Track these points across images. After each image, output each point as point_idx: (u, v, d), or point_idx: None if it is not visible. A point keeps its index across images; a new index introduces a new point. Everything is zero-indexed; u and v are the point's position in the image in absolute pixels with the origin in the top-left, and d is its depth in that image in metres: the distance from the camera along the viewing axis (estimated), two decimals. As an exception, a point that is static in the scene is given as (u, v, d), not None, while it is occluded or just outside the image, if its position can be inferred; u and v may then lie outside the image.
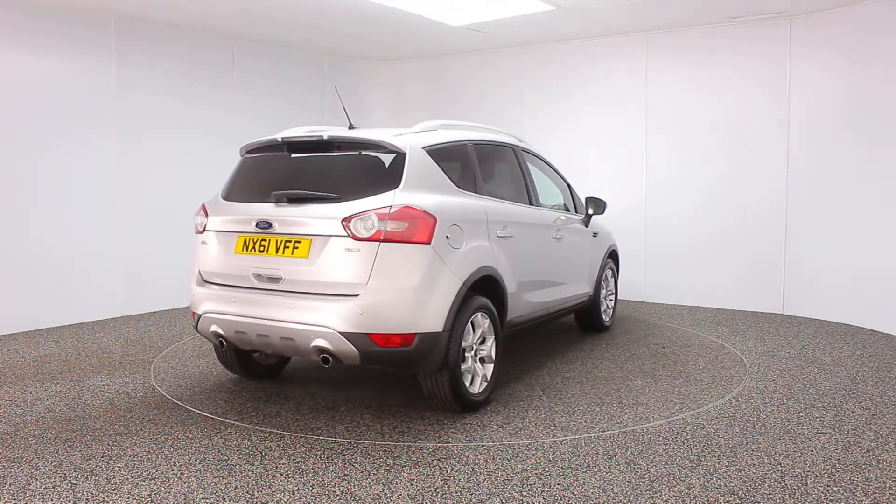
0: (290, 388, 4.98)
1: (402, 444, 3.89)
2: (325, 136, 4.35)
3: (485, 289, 4.51)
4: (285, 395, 4.81)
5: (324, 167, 4.41)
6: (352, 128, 4.80)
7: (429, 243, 4.04)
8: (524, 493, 3.27)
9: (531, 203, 5.45)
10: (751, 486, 3.34)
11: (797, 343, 6.32)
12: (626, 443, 3.90)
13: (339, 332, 3.91)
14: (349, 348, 3.93)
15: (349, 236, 3.96)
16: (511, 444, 3.87)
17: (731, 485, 3.35)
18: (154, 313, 7.77)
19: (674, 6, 7.09)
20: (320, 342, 3.97)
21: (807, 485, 3.35)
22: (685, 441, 3.92)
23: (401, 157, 4.22)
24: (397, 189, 4.07)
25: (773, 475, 3.46)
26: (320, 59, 9.63)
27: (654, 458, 3.68)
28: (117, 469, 3.56)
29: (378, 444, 3.88)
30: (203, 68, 8.23)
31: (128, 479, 3.44)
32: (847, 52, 7.01)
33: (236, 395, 4.85)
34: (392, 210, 3.96)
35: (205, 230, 4.57)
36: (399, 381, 5.02)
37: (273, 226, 4.19)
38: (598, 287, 6.56)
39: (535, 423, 4.19)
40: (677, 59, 8.08)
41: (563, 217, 5.93)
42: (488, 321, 4.50)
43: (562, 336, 6.66)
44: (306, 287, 4.09)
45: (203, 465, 3.60)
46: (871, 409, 4.46)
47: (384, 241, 3.93)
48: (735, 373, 5.30)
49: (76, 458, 3.69)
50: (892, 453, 3.74)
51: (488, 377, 4.53)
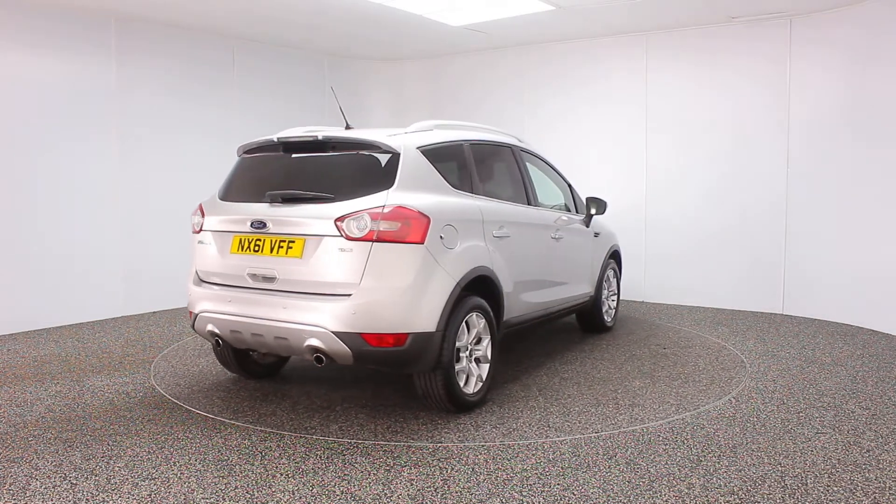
0: (287, 388, 4.98)
1: (402, 444, 3.89)
2: (319, 137, 4.36)
3: (480, 289, 4.51)
4: (282, 395, 4.82)
5: (319, 167, 4.42)
6: (349, 128, 4.81)
7: (422, 243, 4.04)
8: (524, 493, 3.27)
9: (530, 203, 5.44)
10: (751, 486, 3.34)
11: (797, 343, 6.32)
12: (626, 443, 3.90)
13: (332, 332, 3.93)
14: (342, 348, 3.94)
15: (342, 236, 3.97)
16: (511, 445, 3.87)
17: (731, 485, 3.35)
18: (154, 313, 7.77)
19: (674, 6, 7.09)
20: (313, 342, 3.98)
21: (807, 485, 3.35)
22: (685, 441, 3.92)
23: (395, 158, 4.23)
24: (391, 189, 4.08)
25: (773, 475, 3.46)
26: (320, 59, 9.63)
27: (654, 458, 3.68)
28: (117, 469, 3.56)
29: (378, 444, 3.88)
30: (203, 68, 8.23)
31: (128, 479, 3.44)
32: (847, 52, 7.02)
33: (234, 394, 4.85)
34: (385, 210, 3.97)
35: (201, 230, 4.59)
36: (396, 381, 5.02)
37: (267, 226, 4.21)
38: (599, 287, 6.54)
39: (530, 424, 4.19)
40: (677, 59, 8.08)
41: (563, 217, 5.93)
42: (484, 321, 4.49)
43: (563, 336, 6.65)
44: (300, 287, 4.11)
45: (203, 465, 3.60)
46: (871, 409, 4.46)
47: (377, 240, 3.94)
48: (735, 374, 5.30)
49: (76, 458, 3.69)
50: (892, 453, 3.74)
51: (484, 377, 4.52)
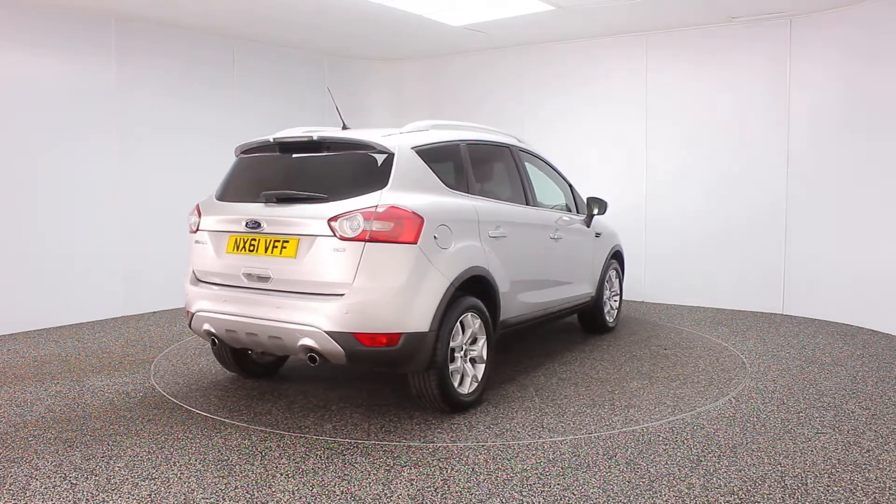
0: (285, 387, 4.99)
1: (401, 444, 3.89)
2: (315, 137, 4.38)
3: (476, 289, 4.51)
4: (279, 394, 4.83)
5: (314, 168, 4.43)
6: (346, 128, 4.81)
7: (415, 243, 4.04)
8: (524, 493, 3.27)
9: (528, 203, 5.44)
10: (751, 486, 3.34)
11: (797, 343, 6.32)
12: (626, 443, 3.90)
13: (325, 332, 3.93)
14: (335, 347, 3.95)
15: (335, 236, 3.98)
16: (511, 445, 3.87)
17: (731, 485, 3.35)
18: (154, 313, 7.77)
19: (674, 6, 7.09)
20: (307, 341, 3.99)
21: (807, 485, 3.35)
22: (685, 441, 3.92)
23: (389, 158, 4.23)
24: (384, 189, 4.09)
25: (773, 475, 3.46)
26: (320, 59, 9.63)
27: (654, 458, 3.68)
28: (117, 469, 3.56)
29: (378, 444, 3.88)
30: (203, 68, 8.23)
31: (128, 479, 3.44)
32: (847, 52, 7.01)
33: (231, 392, 4.86)
34: (378, 210, 3.97)
35: (198, 230, 4.61)
36: (392, 381, 5.02)
37: (262, 225, 4.22)
38: (600, 288, 6.52)
39: (523, 425, 4.18)
40: (677, 59, 8.08)
41: (564, 217, 5.92)
42: (479, 321, 4.49)
43: (563, 337, 6.65)
44: (294, 286, 4.12)
45: (203, 465, 3.60)
46: (871, 409, 4.46)
47: (370, 240, 3.94)
48: (734, 375, 5.30)
49: (76, 458, 3.69)
50: (892, 453, 3.74)
51: (479, 377, 4.52)
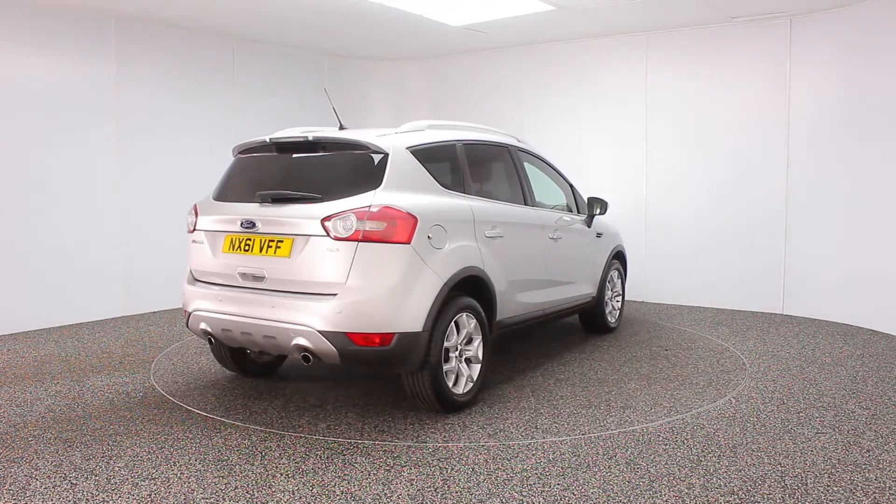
0: (282, 386, 5.00)
1: (396, 443, 3.89)
2: (310, 138, 4.40)
3: (471, 289, 4.51)
4: (276, 393, 4.84)
5: (310, 168, 4.45)
6: (342, 128, 4.82)
7: (408, 243, 4.05)
8: (524, 493, 3.27)
9: (526, 203, 5.43)
10: (751, 486, 3.34)
11: (797, 343, 6.32)
12: (626, 443, 3.89)
13: (318, 331, 3.95)
14: (328, 347, 3.96)
15: (328, 236, 3.99)
16: (511, 445, 3.87)
17: (731, 485, 3.35)
18: (154, 313, 7.77)
19: (674, 6, 7.09)
20: (300, 340, 4.00)
21: (807, 485, 3.35)
22: (685, 441, 3.92)
23: (384, 158, 4.24)
24: (378, 189, 4.10)
25: (773, 475, 3.46)
26: (320, 59, 9.63)
27: (654, 458, 3.68)
28: (117, 469, 3.56)
29: (378, 444, 3.88)
30: (203, 68, 8.23)
31: (128, 479, 3.44)
32: (847, 52, 7.01)
33: (229, 392, 4.87)
34: (371, 210, 3.98)
35: (195, 230, 4.64)
36: (389, 381, 5.02)
37: (257, 225, 4.24)
38: (602, 288, 6.50)
39: (517, 425, 4.18)
40: (677, 59, 8.08)
41: (565, 218, 5.92)
42: (474, 321, 4.49)
43: (564, 337, 6.65)
44: (288, 286, 4.13)
45: (203, 465, 3.60)
46: (871, 409, 4.46)
47: (363, 240, 3.95)
48: (733, 376, 5.29)
49: (76, 458, 3.69)
50: (892, 453, 3.74)
51: (475, 378, 4.51)
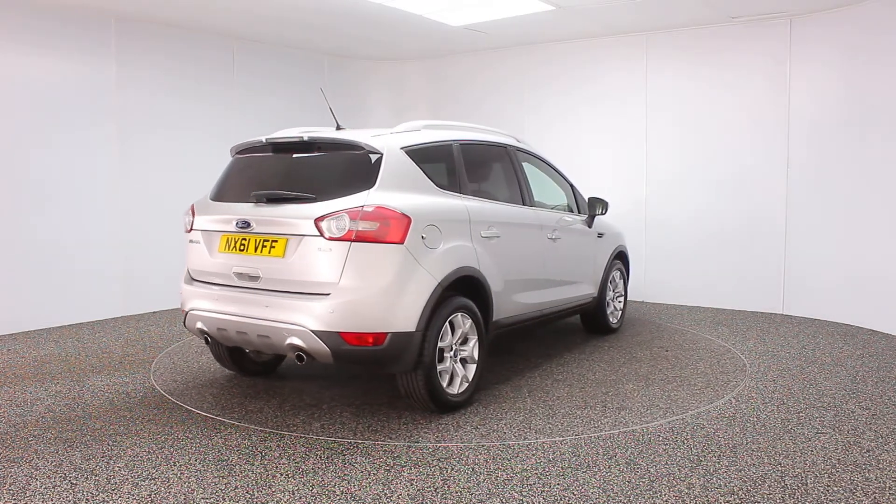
0: (280, 385, 5.01)
1: (386, 443, 3.89)
2: (305, 138, 4.41)
3: (467, 289, 4.51)
4: (273, 392, 4.85)
5: (305, 168, 4.47)
6: (339, 128, 4.83)
7: (402, 243, 4.05)
8: (524, 493, 3.27)
9: (524, 203, 5.42)
10: (751, 486, 3.34)
11: (797, 343, 6.32)
12: (626, 443, 3.89)
13: (311, 331, 3.96)
14: (321, 347, 3.97)
15: (322, 236, 4.00)
16: (511, 445, 3.87)
17: (731, 485, 3.35)
18: (154, 313, 7.77)
19: (674, 6, 7.09)
20: (294, 340, 4.02)
21: (807, 485, 3.35)
22: (685, 441, 3.92)
23: (378, 158, 4.25)
24: (372, 189, 4.10)
25: (773, 475, 3.46)
26: (320, 59, 9.63)
27: (654, 458, 3.68)
28: (117, 469, 3.56)
29: (378, 444, 3.88)
30: (203, 68, 8.23)
31: (128, 479, 3.44)
32: (847, 52, 7.01)
33: (227, 391, 4.88)
34: (364, 210, 3.99)
35: (192, 229, 4.66)
36: (386, 380, 5.01)
37: (252, 225, 4.26)
38: (603, 289, 6.48)
39: (511, 426, 4.18)
40: (677, 59, 8.08)
41: (566, 218, 5.91)
42: (470, 321, 4.48)
43: (566, 338, 6.64)
44: (282, 286, 4.15)
45: (203, 465, 3.60)
46: (871, 409, 4.46)
47: (356, 240, 3.96)
48: (733, 376, 5.29)
49: (76, 458, 3.69)
50: (892, 453, 3.74)
51: (470, 378, 4.51)
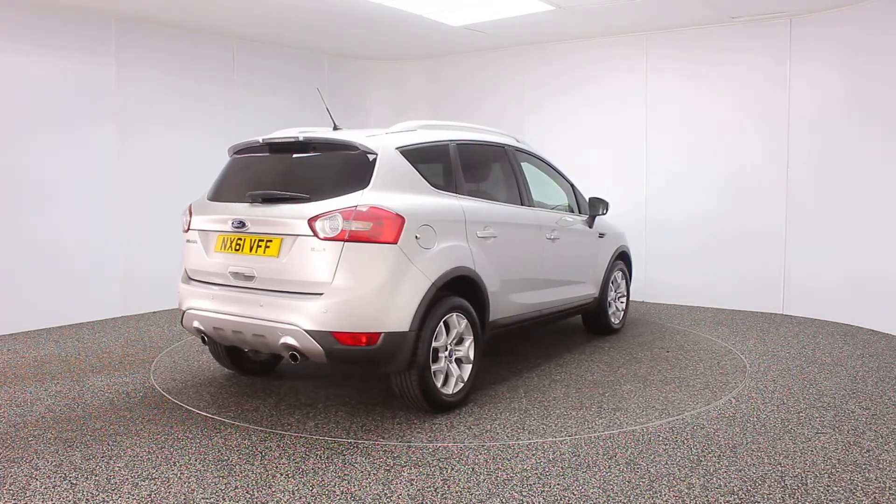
0: (277, 384, 5.02)
1: (402, 444, 3.89)
2: (301, 138, 4.43)
3: (462, 289, 4.51)
4: (270, 391, 4.85)
5: (301, 168, 4.48)
6: (336, 129, 4.83)
7: (395, 243, 4.06)
8: (524, 493, 3.27)
9: (523, 203, 5.41)
10: (751, 486, 3.34)
11: (797, 343, 6.32)
12: (627, 443, 3.90)
13: (305, 330, 3.97)
14: (314, 346, 3.98)
15: (315, 236, 4.01)
16: (511, 445, 3.87)
17: (731, 485, 3.35)
18: (154, 313, 7.77)
19: (674, 6, 7.09)
20: (287, 339, 4.03)
21: (807, 485, 3.35)
22: (685, 441, 3.92)
23: (372, 158, 4.26)
24: (366, 189, 4.11)
25: (773, 475, 3.46)
26: (320, 59, 9.63)
27: (654, 458, 3.68)
28: (117, 469, 3.56)
29: (378, 444, 3.88)
30: (203, 68, 8.23)
31: (128, 479, 3.44)
32: (847, 52, 7.01)
33: (225, 390, 4.89)
34: (358, 210, 4.00)
35: (189, 229, 4.68)
36: (382, 380, 5.01)
37: (247, 225, 4.28)
38: (604, 289, 6.47)
39: (505, 426, 4.17)
40: (677, 59, 8.08)
41: (566, 218, 5.91)
42: (465, 322, 4.48)
43: (566, 338, 6.63)
44: (276, 285, 4.16)
45: (203, 465, 3.60)
46: (871, 409, 4.46)
47: (349, 240, 3.97)
48: (733, 376, 5.28)
49: (76, 458, 3.69)
50: (892, 453, 3.74)
51: (465, 378, 4.50)
